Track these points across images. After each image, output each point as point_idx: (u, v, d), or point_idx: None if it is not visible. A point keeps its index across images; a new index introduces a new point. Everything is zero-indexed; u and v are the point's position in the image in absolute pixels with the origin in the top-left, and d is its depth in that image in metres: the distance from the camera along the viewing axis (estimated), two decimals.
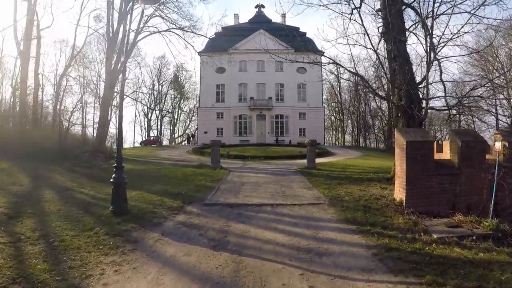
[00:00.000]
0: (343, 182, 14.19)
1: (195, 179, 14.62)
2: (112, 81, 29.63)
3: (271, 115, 51.76)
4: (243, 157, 27.70)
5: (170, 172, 17.18)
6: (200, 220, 8.36)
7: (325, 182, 13.88)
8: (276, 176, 15.72)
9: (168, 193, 11.44)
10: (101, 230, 7.45)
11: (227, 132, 51.16)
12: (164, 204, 9.93)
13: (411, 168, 10.25)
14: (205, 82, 52.50)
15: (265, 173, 17.11)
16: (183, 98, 73.90)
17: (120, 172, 8.78)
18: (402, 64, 14.79)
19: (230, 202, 10.08)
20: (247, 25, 56.67)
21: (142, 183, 13.70)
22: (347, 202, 10.34)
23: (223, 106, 52.06)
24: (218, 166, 18.21)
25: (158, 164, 22.00)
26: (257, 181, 14.39)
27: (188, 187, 12.70)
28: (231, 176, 15.74)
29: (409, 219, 9.01)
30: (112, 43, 28.67)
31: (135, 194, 11.34)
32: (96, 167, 20.24)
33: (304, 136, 50.55)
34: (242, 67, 52.89)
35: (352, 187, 13.04)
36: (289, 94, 52.39)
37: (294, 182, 14.10)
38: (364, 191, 12.19)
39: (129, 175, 16.87)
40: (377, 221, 8.58)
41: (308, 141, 18.75)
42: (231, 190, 12.12)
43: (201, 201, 10.36)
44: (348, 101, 69.72)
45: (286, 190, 12.20)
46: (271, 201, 10.23)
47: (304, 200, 10.48)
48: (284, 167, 20.34)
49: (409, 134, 10.88)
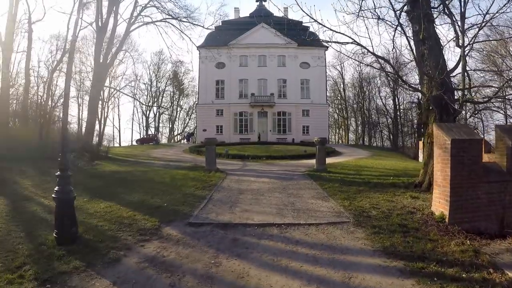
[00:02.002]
0: (362, 189, 11.72)
1: (185, 185, 12.14)
2: (102, 74, 27.18)
3: (273, 112, 49.22)
4: (243, 157, 25.15)
5: (157, 176, 14.71)
6: (178, 253, 5.85)
7: (341, 189, 11.39)
8: (282, 181, 13.21)
9: (146, 206, 8.97)
10: (30, 270, 5.06)
11: (227, 130, 48.70)
12: (135, 223, 7.44)
13: (457, 174, 7.88)
14: (204, 78, 50.05)
15: (268, 176, 14.57)
16: (182, 95, 71.46)
17: (64, 183, 6.26)
18: (433, 47, 12.30)
19: (223, 221, 7.54)
20: (247, 19, 54.02)
21: (119, 191, 11.28)
22: (376, 219, 7.87)
23: (223, 103, 49.56)
24: (214, 168, 15.71)
25: (148, 165, 19.53)
26: (259, 187, 11.86)
27: (173, 196, 10.20)
28: (228, 181, 13.23)
29: (462, 243, 6.66)
30: (101, 33, 26.16)
31: (103, 208, 8.89)
32: (78, 168, 17.79)
33: (307, 134, 48.22)
34: (243, 62, 50.37)
35: (375, 196, 10.58)
36: (291, 90, 49.85)
37: (304, 189, 11.57)
38: (391, 202, 9.76)
39: (110, 179, 14.65)
40: (425, 249, 6.16)
41: (318, 139, 16.21)
42: (226, 202, 9.59)
43: (185, 218, 7.84)
44: (352, 99, 67.41)
45: (296, 201, 9.66)
46: (278, 219, 7.70)
47: (321, 216, 7.96)
48: (290, 168, 17.82)
49: (452, 130, 8.45)
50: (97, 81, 26.64)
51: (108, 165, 19.81)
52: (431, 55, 12.16)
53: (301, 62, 50.32)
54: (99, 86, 27.26)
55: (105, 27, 26.15)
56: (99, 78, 26.67)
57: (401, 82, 11.81)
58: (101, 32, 26.01)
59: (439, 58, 12.17)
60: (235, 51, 49.86)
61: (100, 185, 12.49)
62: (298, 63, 50.23)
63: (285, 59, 50.36)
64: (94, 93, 26.87)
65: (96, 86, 26.69)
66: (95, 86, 26.69)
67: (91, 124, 26.99)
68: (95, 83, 26.73)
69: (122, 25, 70.75)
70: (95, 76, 26.88)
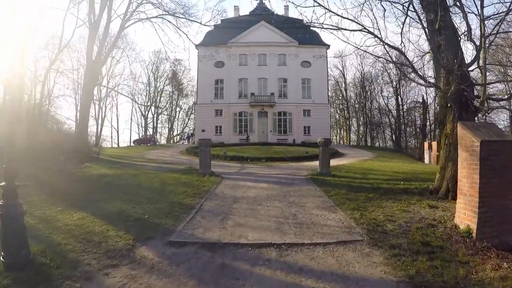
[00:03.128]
0: (372, 196, 10.45)
1: (174, 192, 10.87)
2: (94, 72, 25.96)
3: (273, 112, 47.83)
4: (241, 158, 23.87)
5: (147, 180, 13.46)
6: (149, 285, 4.59)
7: (349, 197, 10.12)
8: (282, 187, 11.94)
9: (124, 218, 7.69)
10: None
11: (226, 130, 47.37)
12: (106, 241, 6.17)
13: (487, 181, 6.73)
14: (202, 77, 48.73)
15: (267, 181, 13.29)
16: (181, 95, 70.23)
17: (10, 196, 4.98)
18: (450, 38, 11.08)
19: (211, 240, 6.25)
20: (247, 18, 52.84)
21: (100, 198, 10.04)
22: (394, 236, 6.62)
23: (222, 103, 48.23)
24: (208, 172, 14.46)
25: (139, 168, 18.29)
26: (256, 195, 10.57)
27: (158, 205, 8.93)
28: (222, 187, 11.96)
29: (499, 266, 5.57)
30: (93, 30, 24.90)
31: (75, 219, 7.64)
32: (63, 172, 16.55)
33: (308, 135, 46.95)
34: (243, 61, 49.04)
35: (388, 205, 9.32)
36: (292, 89, 48.48)
37: (308, 196, 10.29)
38: (408, 213, 8.51)
39: (94, 184, 13.35)
40: (458, 277, 4.98)
41: (321, 140, 14.92)
42: (217, 213, 8.32)
43: (167, 235, 6.56)
44: (353, 98, 66.08)
45: (299, 211, 8.38)
46: (277, 236, 6.41)
47: (329, 233, 6.69)
48: (291, 172, 16.56)
49: (480, 130, 7.26)
50: (89, 79, 25.40)
51: (97, 167, 18.60)
52: (449, 46, 10.94)
53: (302, 61, 49.03)
54: (91, 84, 25.98)
55: (98, 23, 24.92)
56: (91, 76, 25.44)
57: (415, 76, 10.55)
58: (94, 28, 24.78)
59: (457, 49, 10.96)
60: (235, 49, 48.59)
61: (82, 191, 11.23)
62: (299, 62, 48.95)
63: (285, 58, 49.08)
64: (86, 91, 25.61)
65: (88, 84, 25.42)
66: (87, 84, 25.42)
67: (83, 124, 25.75)
68: (88, 81, 25.46)
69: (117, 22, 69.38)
70: (87, 73, 25.66)
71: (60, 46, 31.52)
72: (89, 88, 25.70)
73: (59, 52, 32.86)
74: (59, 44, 31.16)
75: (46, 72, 36.31)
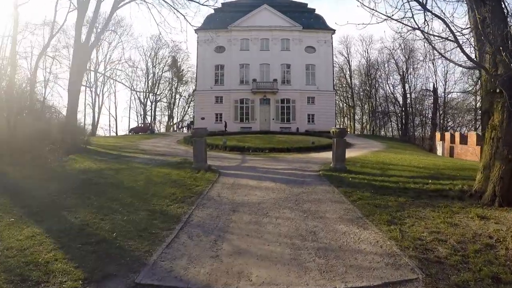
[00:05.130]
0: (404, 200, 8.50)
1: (159, 194, 8.87)
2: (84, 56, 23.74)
3: (276, 99, 45.55)
4: (242, 149, 21.78)
5: (130, 177, 11.45)
6: None
7: (376, 202, 8.14)
8: (292, 187, 9.92)
9: (84, 238, 5.69)
10: None
11: (227, 118, 45.23)
12: (47, 280, 4.23)
13: None
14: (202, 63, 46.44)
15: (272, 179, 11.25)
16: (181, 82, 67.85)
17: None
18: (496, 10, 9.01)
19: (197, 283, 4.24)
20: (250, 1, 50.30)
21: (67, 203, 8.14)
22: (454, 268, 4.77)
23: (223, 89, 45.98)
24: (203, 166, 12.44)
25: (128, 161, 16.30)
26: (260, 199, 8.56)
27: (134, 216, 6.93)
28: (219, 187, 9.94)
29: None
30: (82, 9, 22.63)
31: (22, 239, 5.74)
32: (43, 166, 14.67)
33: (313, 123, 44.92)
34: (244, 46, 46.63)
35: (427, 214, 7.44)
36: (296, 76, 46.16)
37: (325, 201, 8.28)
38: (455, 226, 6.68)
39: (69, 183, 10.99)
40: None
41: (336, 130, 12.79)
42: (209, 229, 6.27)
43: (134, 270, 4.54)
44: (358, 86, 63.76)
45: (318, 227, 6.35)
46: (294, 275, 4.36)
47: (367, 266, 4.67)
48: (299, 166, 14.53)
49: None
50: (78, 63, 23.19)
51: (82, 160, 16.65)
52: (495, 20, 8.85)
53: (306, 46, 46.67)
54: (80, 69, 23.76)
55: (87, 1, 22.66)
56: (80, 60, 23.23)
57: (461, 52, 8.43)
58: (83, 7, 22.51)
59: (505, 24, 8.85)
60: (236, 34, 46.15)
61: (50, 193, 9.26)
62: (303, 47, 46.57)
63: (289, 43, 46.64)
64: (74, 76, 23.38)
65: (77, 69, 23.19)
66: (76, 69, 23.19)
67: (72, 112, 23.62)
68: (76, 66, 23.24)
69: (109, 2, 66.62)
70: (75, 57, 23.42)
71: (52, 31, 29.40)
72: (78, 73, 23.49)
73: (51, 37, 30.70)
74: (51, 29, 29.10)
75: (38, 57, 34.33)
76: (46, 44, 32.04)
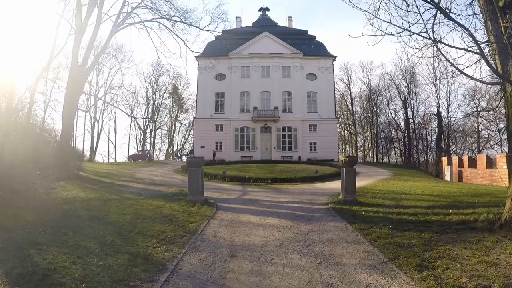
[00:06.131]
0: (428, 236, 7.33)
1: (145, 232, 7.66)
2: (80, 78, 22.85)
3: (277, 127, 44.64)
4: (243, 179, 20.56)
5: (118, 210, 10.25)
6: None
7: (398, 241, 6.92)
8: (299, 224, 8.68)
9: None
10: None
11: (227, 147, 44.24)
12: None
13: None
14: (202, 90, 45.94)
15: (277, 214, 10.01)
16: (181, 109, 67.30)
17: None
18: None
19: None
20: (250, 29, 50.60)
21: (39, 239, 7.01)
22: None
23: (223, 117, 45.18)
24: (199, 199, 11.24)
25: (119, 191, 15.13)
26: (264, 240, 7.29)
27: (110, 261, 5.67)
28: (215, 224, 8.70)
29: None
30: (80, 31, 21.98)
31: None
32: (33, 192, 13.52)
33: (315, 151, 43.83)
34: (245, 74, 46.26)
35: (460, 252, 6.37)
36: (297, 103, 45.48)
37: (340, 242, 7.03)
38: (495, 266, 5.57)
39: (49, 214, 10.04)
40: None
41: (345, 158, 11.63)
42: (201, 283, 4.93)
43: None
44: (359, 113, 63.09)
45: (335, 278, 5.09)
46: None
47: None
48: (305, 198, 13.31)
49: None
50: (73, 85, 22.28)
51: (71, 188, 15.54)
52: None
53: (307, 74, 46.29)
54: (76, 92, 22.82)
55: (86, 23, 22.05)
56: (76, 82, 22.35)
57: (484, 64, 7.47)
58: (80, 29, 21.88)
59: None
60: (236, 61, 45.90)
61: (24, 225, 8.07)
62: (304, 75, 46.18)
63: (290, 70, 46.30)
64: (69, 99, 22.43)
65: (72, 92, 22.26)
66: (71, 92, 22.26)
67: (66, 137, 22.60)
68: (71, 88, 22.32)
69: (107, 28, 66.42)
70: (71, 78, 22.50)
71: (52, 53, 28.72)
72: (73, 96, 22.58)
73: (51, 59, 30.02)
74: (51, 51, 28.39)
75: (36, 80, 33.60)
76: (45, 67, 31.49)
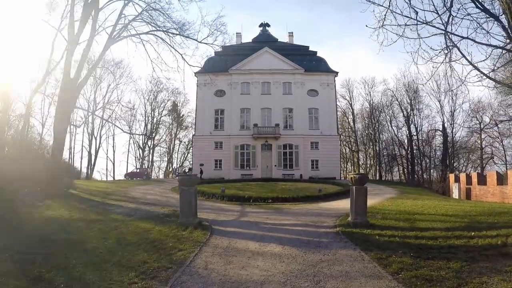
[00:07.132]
0: (457, 266, 6.21)
1: (125, 263, 6.47)
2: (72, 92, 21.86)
3: (278, 144, 43.57)
4: (242, 198, 19.32)
5: (100, 234, 9.07)
6: None
7: (424, 273, 5.75)
8: (306, 252, 7.45)
9: None
10: None
11: (226, 165, 43.15)
12: None
13: None
14: (201, 107, 45.11)
15: (279, 240, 8.73)
16: (180, 127, 66.33)
17: None
18: None
19: None
20: (250, 45, 50.09)
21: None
22: None
23: (223, 135, 44.23)
24: (192, 222, 10.04)
25: (108, 211, 13.97)
26: (264, 275, 6.01)
27: None
28: (208, 253, 7.46)
29: None
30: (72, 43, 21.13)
31: None
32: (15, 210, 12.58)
33: (317, 169, 42.66)
34: (245, 90, 45.53)
35: (497, 285, 5.22)
36: (299, 120, 44.56)
37: (356, 277, 5.79)
38: None
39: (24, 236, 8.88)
40: None
41: (355, 175, 10.42)
42: None
43: None
44: (361, 130, 62.08)
45: None
46: None
47: None
48: (309, 220, 12.09)
49: None
50: (65, 99, 21.30)
51: (57, 206, 14.47)
52: None
53: (309, 90, 45.54)
54: (68, 106, 21.81)
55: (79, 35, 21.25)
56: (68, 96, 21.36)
57: None
58: (74, 41, 21.07)
59: None
60: (236, 77, 45.24)
61: None
62: (306, 91, 45.42)
63: (291, 86, 45.57)
64: (61, 114, 21.41)
65: (63, 106, 21.26)
66: (63, 106, 21.27)
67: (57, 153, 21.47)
68: (63, 102, 21.34)
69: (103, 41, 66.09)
70: (63, 92, 21.52)
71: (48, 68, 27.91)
72: (65, 111, 21.55)
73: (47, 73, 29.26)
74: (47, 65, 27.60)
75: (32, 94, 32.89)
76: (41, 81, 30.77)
